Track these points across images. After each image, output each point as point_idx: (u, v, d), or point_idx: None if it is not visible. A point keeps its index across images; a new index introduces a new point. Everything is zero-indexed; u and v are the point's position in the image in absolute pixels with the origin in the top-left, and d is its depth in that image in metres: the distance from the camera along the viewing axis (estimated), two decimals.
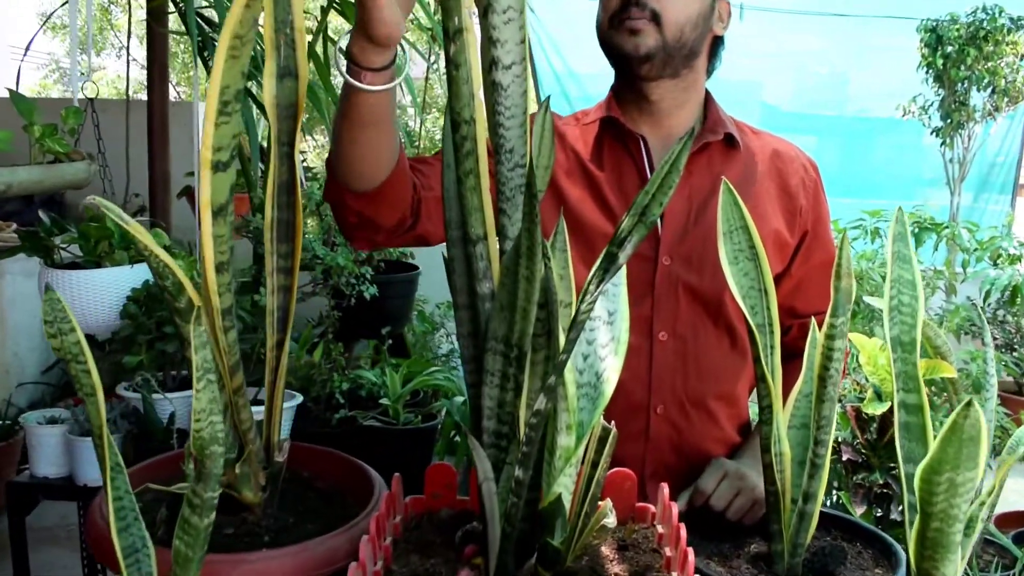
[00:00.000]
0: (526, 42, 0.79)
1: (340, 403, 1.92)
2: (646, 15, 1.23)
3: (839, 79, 7.87)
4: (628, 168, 1.33)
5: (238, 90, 0.69)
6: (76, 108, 1.74)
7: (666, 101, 1.31)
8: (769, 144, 1.38)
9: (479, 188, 0.80)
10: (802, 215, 1.36)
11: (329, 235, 2.16)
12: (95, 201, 0.71)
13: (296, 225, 0.92)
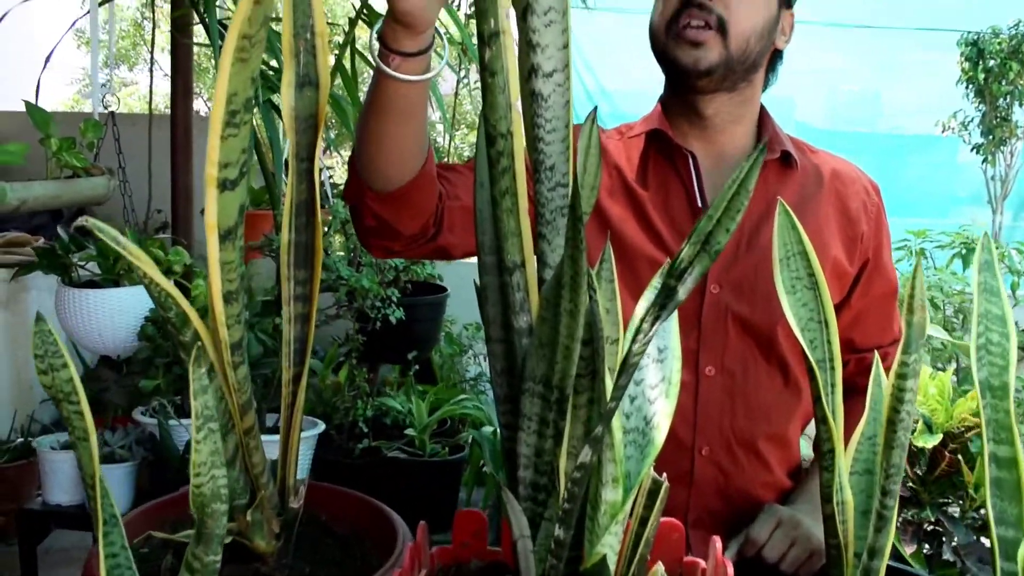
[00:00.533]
0: (569, 47, 0.71)
1: (363, 432, 1.84)
2: (711, 20, 1.12)
3: (871, 96, 7.75)
4: (675, 187, 1.23)
5: (248, 98, 0.61)
6: (95, 121, 1.69)
7: (720, 116, 1.21)
8: (828, 163, 1.28)
9: (516, 210, 0.71)
10: (863, 242, 1.25)
11: (355, 255, 2.09)
12: (89, 223, 0.64)
13: (316, 248, 0.84)
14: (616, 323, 0.74)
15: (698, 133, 1.23)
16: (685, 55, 1.14)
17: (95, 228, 0.63)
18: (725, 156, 1.23)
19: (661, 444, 0.75)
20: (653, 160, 1.25)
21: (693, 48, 1.13)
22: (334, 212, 2.15)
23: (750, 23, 1.13)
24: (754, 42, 1.14)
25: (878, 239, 1.27)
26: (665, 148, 1.24)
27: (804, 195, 1.23)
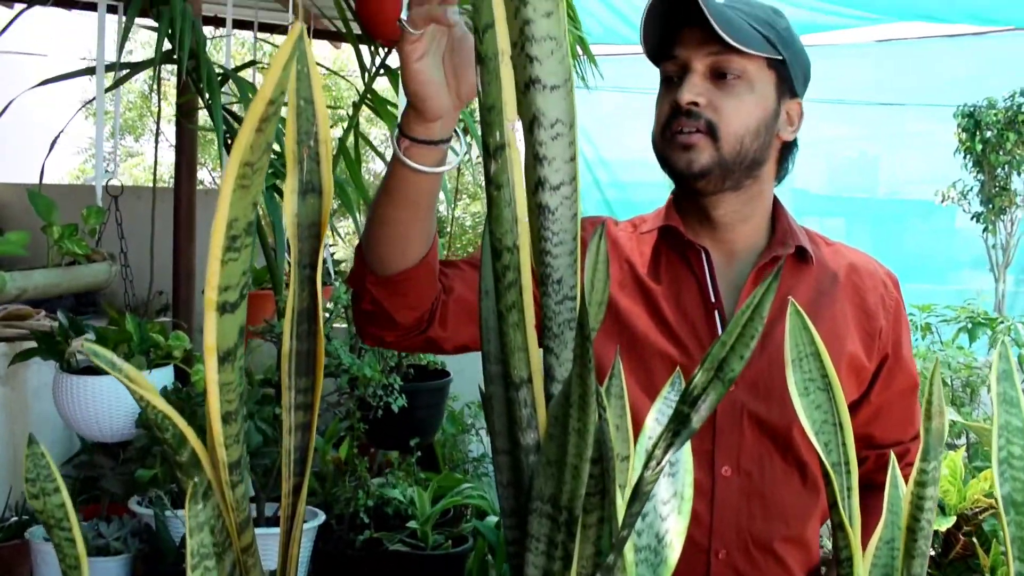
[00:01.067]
0: (576, 159, 0.71)
1: (365, 523, 1.80)
2: (700, 125, 1.12)
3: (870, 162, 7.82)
4: (688, 282, 1.21)
5: (249, 222, 0.60)
6: (98, 208, 1.69)
7: (729, 215, 1.19)
8: (845, 257, 1.25)
9: (523, 325, 0.70)
10: (882, 337, 1.22)
11: (356, 340, 2.07)
12: (85, 347, 0.62)
13: (317, 356, 0.83)
14: (627, 439, 0.72)
15: (708, 231, 1.22)
16: (678, 159, 1.15)
17: (90, 353, 0.62)
18: (737, 252, 1.21)
19: (675, 564, 0.72)
20: (665, 255, 1.23)
21: (685, 152, 1.14)
22: (336, 297, 2.14)
23: (741, 124, 1.12)
24: (749, 141, 1.13)
25: (897, 333, 1.24)
26: (677, 243, 1.23)
27: (820, 290, 1.20)
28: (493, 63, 0.70)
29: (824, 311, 1.18)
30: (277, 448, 1.65)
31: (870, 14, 3.71)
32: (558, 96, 0.70)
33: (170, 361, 1.83)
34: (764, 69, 1.13)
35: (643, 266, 1.23)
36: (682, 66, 1.15)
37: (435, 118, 0.95)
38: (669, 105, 1.16)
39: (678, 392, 0.79)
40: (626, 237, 1.27)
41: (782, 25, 1.16)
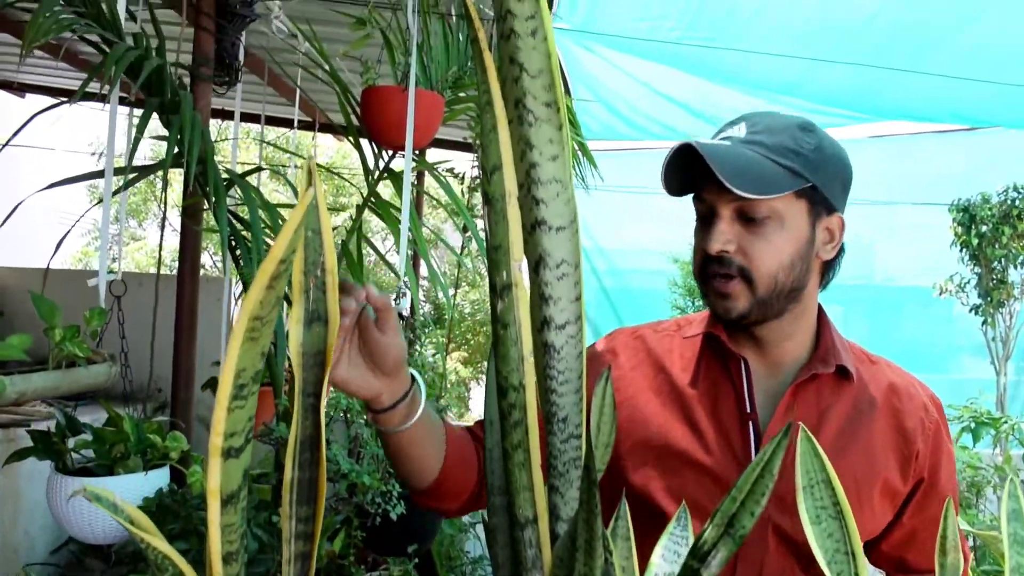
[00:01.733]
0: (582, 299, 0.71)
1: None
2: (732, 271, 1.11)
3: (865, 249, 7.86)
4: (725, 390, 1.18)
5: (256, 371, 0.60)
6: (100, 310, 1.69)
7: (772, 335, 1.17)
8: (886, 376, 1.22)
9: (529, 464, 0.69)
10: (918, 460, 1.18)
11: (355, 444, 2.05)
12: (87, 491, 0.61)
13: (320, 484, 0.82)
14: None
15: (751, 343, 1.20)
16: (716, 304, 1.14)
17: (92, 498, 0.61)
18: (780, 365, 1.19)
19: None
20: (706, 361, 1.21)
21: (721, 299, 1.13)
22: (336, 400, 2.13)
23: (775, 262, 1.10)
24: (784, 276, 1.11)
25: (936, 458, 1.20)
26: (719, 350, 1.20)
27: (859, 409, 1.18)
28: (500, 204, 0.71)
29: (861, 431, 1.16)
30: (274, 556, 1.62)
31: (862, 114, 3.80)
32: (563, 237, 0.71)
33: (167, 462, 1.81)
34: (794, 201, 1.10)
35: (683, 370, 1.21)
36: (710, 208, 1.13)
37: (372, 397, 0.98)
38: (701, 252, 1.14)
39: (683, 527, 0.78)
40: (666, 341, 1.25)
41: (810, 146, 1.10)
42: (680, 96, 3.58)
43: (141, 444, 1.77)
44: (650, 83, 3.49)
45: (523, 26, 0.68)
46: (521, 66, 0.69)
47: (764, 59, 2.98)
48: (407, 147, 1.81)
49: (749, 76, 3.27)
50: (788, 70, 3.16)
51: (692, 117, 3.77)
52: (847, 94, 3.43)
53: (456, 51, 2.26)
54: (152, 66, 1.65)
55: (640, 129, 3.93)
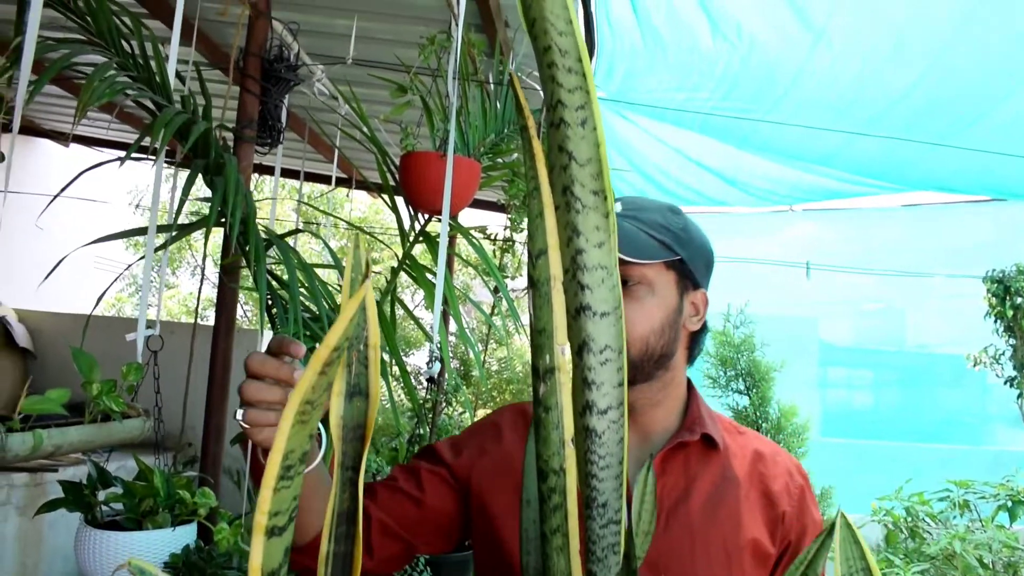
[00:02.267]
0: (624, 385, 0.72)
1: None
2: None
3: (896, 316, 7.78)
4: None
5: (304, 452, 0.61)
6: (137, 365, 1.72)
7: (640, 402, 1.22)
8: (751, 445, 1.28)
9: (568, 550, 0.69)
10: (785, 523, 1.22)
11: None
12: (133, 564, 0.62)
13: (355, 559, 0.82)
14: None
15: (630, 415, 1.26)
16: None
17: (137, 572, 0.62)
18: (649, 435, 1.24)
19: None
20: None
21: None
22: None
23: (646, 326, 1.17)
24: (654, 340, 1.17)
25: (802, 522, 1.24)
26: None
27: (726, 476, 1.22)
28: (545, 288, 0.72)
29: (729, 497, 1.19)
30: None
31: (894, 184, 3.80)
32: (608, 323, 0.72)
33: (195, 518, 1.82)
34: (663, 271, 1.18)
35: None
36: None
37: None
38: None
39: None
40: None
41: (678, 225, 1.21)
42: (713, 163, 3.61)
43: (170, 499, 1.78)
44: (683, 150, 3.52)
45: (573, 116, 0.70)
46: (570, 154, 0.71)
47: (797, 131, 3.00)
48: (444, 212, 1.84)
49: (782, 146, 3.29)
50: (822, 141, 3.18)
51: (724, 184, 3.80)
52: (880, 165, 3.44)
53: (493, 117, 2.31)
54: (199, 130, 1.70)
55: (672, 195, 3.96)
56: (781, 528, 1.23)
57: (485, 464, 1.28)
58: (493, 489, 1.27)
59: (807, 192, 3.92)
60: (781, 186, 3.78)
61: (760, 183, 3.73)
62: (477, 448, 1.29)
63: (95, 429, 1.60)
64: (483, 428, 1.32)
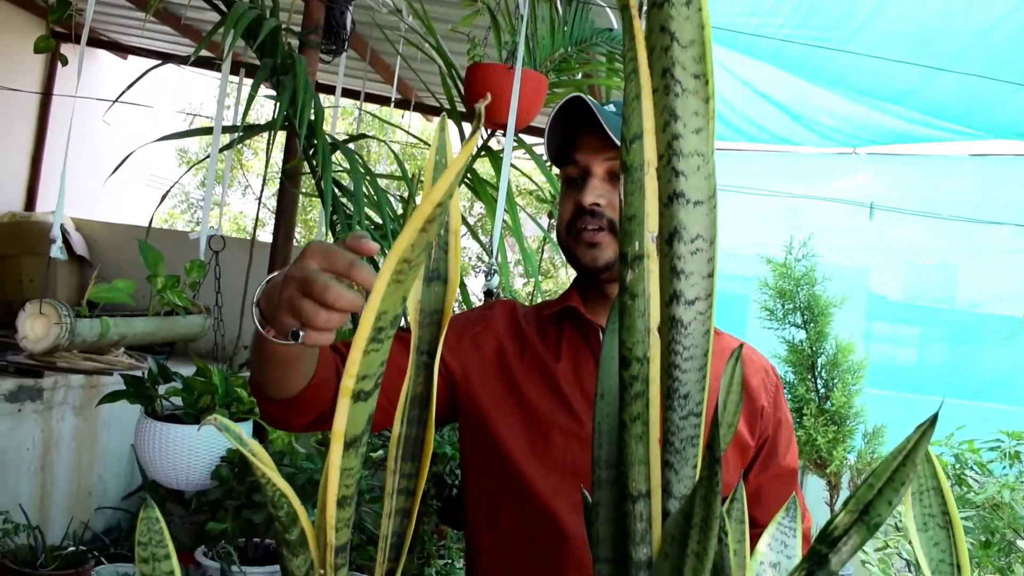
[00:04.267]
0: (715, 276, 0.70)
1: None
2: (602, 223, 1.23)
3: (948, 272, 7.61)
4: (586, 359, 1.29)
5: (396, 315, 0.60)
6: (200, 263, 1.73)
7: None
8: (728, 345, 1.33)
9: (647, 438, 0.68)
10: (763, 417, 1.30)
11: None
12: (217, 421, 0.63)
13: (426, 442, 0.83)
14: (743, 566, 0.70)
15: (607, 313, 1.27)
16: (584, 255, 1.26)
17: (221, 427, 0.62)
18: None
19: None
20: (567, 336, 1.32)
21: (590, 248, 1.25)
22: None
23: None
24: None
25: (777, 418, 1.32)
26: (578, 324, 1.32)
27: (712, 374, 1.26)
28: (638, 174, 0.70)
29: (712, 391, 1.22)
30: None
31: (966, 129, 3.67)
32: (701, 212, 0.69)
33: (251, 416, 1.85)
34: None
35: (546, 346, 1.32)
36: (583, 170, 1.27)
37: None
38: (573, 205, 1.27)
39: (792, 518, 0.77)
40: (532, 321, 1.35)
41: None
42: (780, 97, 3.51)
43: (228, 396, 1.81)
44: (751, 82, 3.43)
45: None
46: (672, 35, 0.68)
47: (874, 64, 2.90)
48: (509, 125, 1.81)
49: (855, 80, 3.19)
50: (897, 77, 3.07)
51: (790, 120, 3.70)
52: (955, 107, 3.32)
53: (561, 35, 2.25)
54: (270, 27, 1.68)
55: (735, 129, 3.87)
56: (760, 422, 1.30)
57: (478, 361, 1.32)
58: (485, 386, 1.30)
59: (874, 134, 3.80)
60: (848, 125, 3.67)
61: (827, 120, 3.62)
62: (471, 343, 1.32)
63: (159, 321, 1.62)
64: (475, 321, 1.35)
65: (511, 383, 1.30)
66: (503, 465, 1.26)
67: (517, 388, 1.30)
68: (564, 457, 1.24)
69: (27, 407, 3.99)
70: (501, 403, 1.29)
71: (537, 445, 1.25)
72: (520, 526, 1.26)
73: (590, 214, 1.24)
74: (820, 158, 4.44)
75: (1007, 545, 2.45)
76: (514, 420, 1.28)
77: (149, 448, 1.80)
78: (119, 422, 4.51)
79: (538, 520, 1.23)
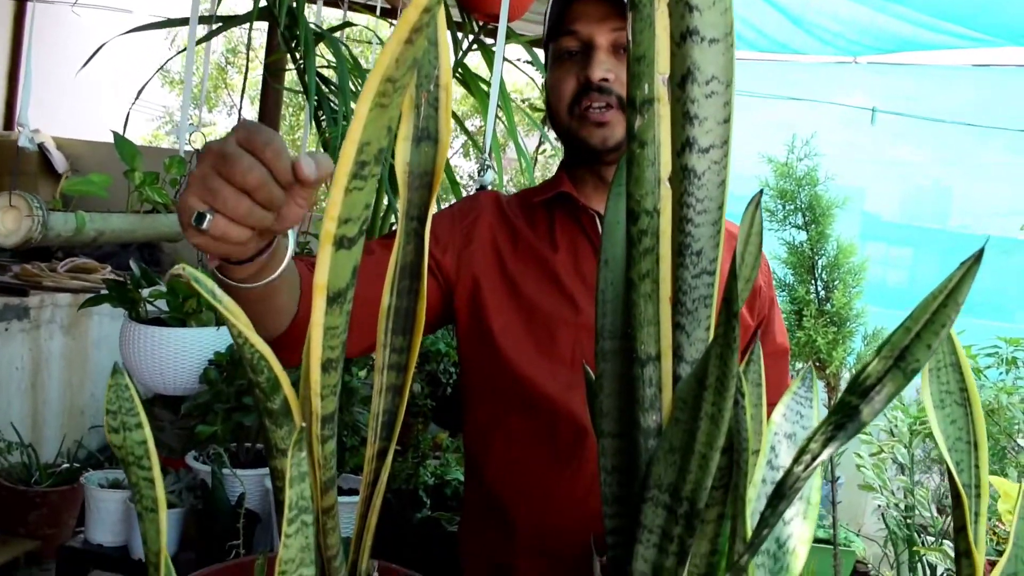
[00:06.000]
0: (731, 122, 0.64)
1: (423, 501, 1.75)
2: (611, 100, 1.15)
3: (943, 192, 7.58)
4: (584, 248, 1.23)
5: (381, 148, 0.54)
6: (180, 158, 1.66)
7: None
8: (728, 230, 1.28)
9: (657, 296, 0.63)
10: (760, 296, 1.26)
11: None
12: (186, 271, 0.57)
13: (417, 315, 0.77)
14: (759, 431, 0.65)
15: (602, 199, 1.24)
16: (592, 135, 1.18)
17: (192, 279, 0.57)
18: None
19: (798, 573, 0.65)
20: (560, 223, 1.25)
21: (599, 128, 1.17)
22: None
23: None
24: None
25: (770, 296, 1.29)
26: (572, 211, 1.25)
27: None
28: (647, 10, 0.64)
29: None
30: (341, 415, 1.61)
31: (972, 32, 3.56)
32: (717, 51, 0.63)
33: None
34: None
35: (538, 237, 1.25)
36: (584, 42, 1.17)
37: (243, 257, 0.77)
38: (577, 81, 1.18)
39: (808, 388, 0.72)
40: (516, 209, 1.28)
41: None
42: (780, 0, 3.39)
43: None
44: None
45: None
46: None
47: None
48: (502, 16, 1.72)
49: None
50: None
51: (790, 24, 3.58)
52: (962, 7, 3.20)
53: None
54: None
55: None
56: (758, 301, 1.27)
57: (472, 253, 1.25)
58: (485, 282, 1.24)
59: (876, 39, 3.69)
60: (850, 30, 3.56)
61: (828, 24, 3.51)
62: (462, 237, 1.26)
63: (138, 218, 1.56)
64: (462, 215, 1.28)
65: (508, 279, 1.24)
66: (508, 367, 1.21)
67: (515, 284, 1.24)
68: (572, 351, 1.19)
69: (14, 326, 3.94)
70: (501, 302, 1.23)
71: (543, 343, 1.20)
72: (534, 427, 1.21)
73: (598, 90, 1.16)
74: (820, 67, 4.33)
75: (1000, 450, 2.45)
76: (516, 319, 1.22)
77: (134, 352, 1.75)
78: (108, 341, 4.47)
79: (553, 418, 1.19)
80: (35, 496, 3.30)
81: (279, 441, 0.67)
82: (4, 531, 3.39)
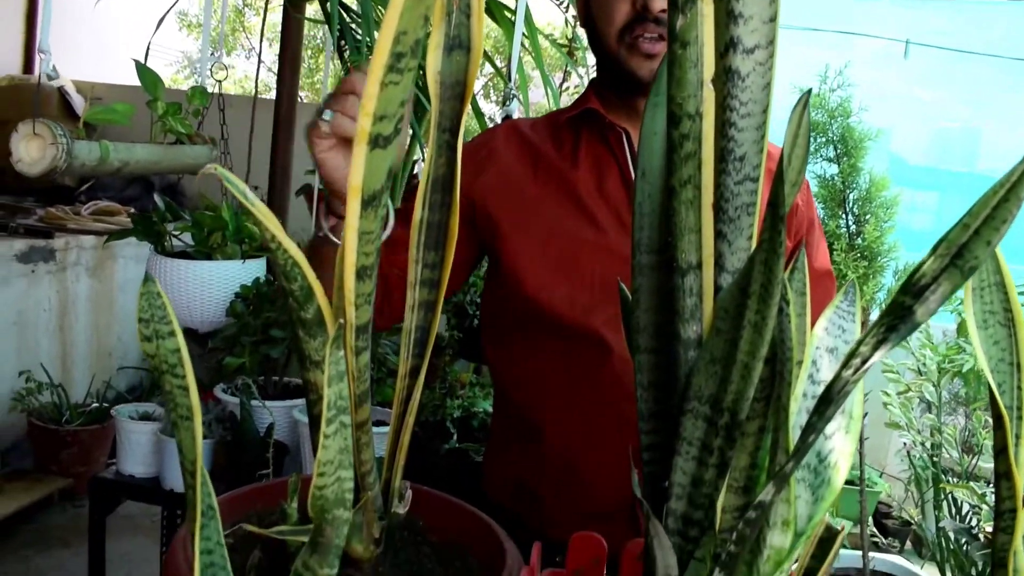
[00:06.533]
0: (778, 20, 0.61)
1: (450, 432, 1.76)
2: (664, 32, 1.10)
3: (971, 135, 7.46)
4: (608, 165, 1.20)
5: (417, 40, 0.52)
6: (202, 88, 1.64)
7: None
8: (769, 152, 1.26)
9: (699, 203, 0.62)
10: (798, 215, 1.25)
11: None
12: (218, 171, 0.56)
13: (450, 229, 0.76)
14: (803, 342, 0.64)
15: (629, 118, 1.21)
16: (640, 67, 1.15)
17: (224, 177, 0.55)
18: None
19: (839, 488, 0.64)
20: (586, 141, 1.23)
21: (648, 60, 1.14)
22: None
23: None
24: None
25: (810, 215, 1.28)
26: (598, 128, 1.22)
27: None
28: None
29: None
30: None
31: None
32: None
33: (263, 254, 1.80)
34: None
35: (562, 157, 1.22)
36: None
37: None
38: (632, 7, 1.13)
39: (851, 303, 0.71)
40: (541, 131, 1.26)
41: None
42: None
43: (239, 233, 1.76)
44: None
45: None
46: None
47: None
48: None
49: None
50: None
51: None
52: None
53: None
54: None
55: None
56: (795, 220, 1.25)
57: (486, 182, 1.23)
58: (499, 208, 1.22)
59: None
60: None
61: None
62: (472, 171, 1.23)
63: (162, 149, 1.55)
64: (475, 150, 1.26)
65: (528, 204, 1.22)
66: (527, 293, 1.20)
67: (535, 208, 1.22)
68: (594, 273, 1.17)
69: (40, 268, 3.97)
70: (520, 228, 1.21)
71: (565, 265, 1.19)
72: (559, 351, 1.20)
73: (654, 21, 1.11)
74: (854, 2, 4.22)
75: None
76: (536, 242, 1.21)
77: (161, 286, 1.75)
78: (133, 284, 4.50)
79: (575, 342, 1.18)
80: (66, 435, 3.36)
81: (313, 352, 0.66)
82: (37, 469, 3.46)
